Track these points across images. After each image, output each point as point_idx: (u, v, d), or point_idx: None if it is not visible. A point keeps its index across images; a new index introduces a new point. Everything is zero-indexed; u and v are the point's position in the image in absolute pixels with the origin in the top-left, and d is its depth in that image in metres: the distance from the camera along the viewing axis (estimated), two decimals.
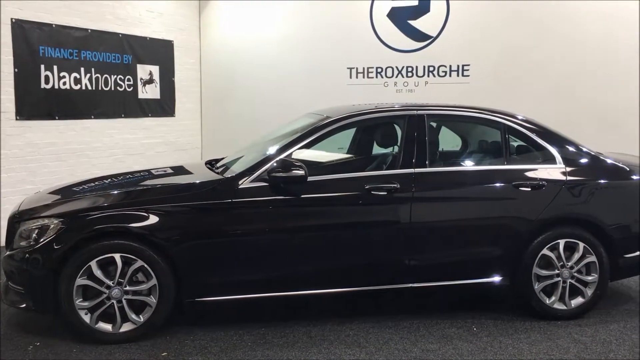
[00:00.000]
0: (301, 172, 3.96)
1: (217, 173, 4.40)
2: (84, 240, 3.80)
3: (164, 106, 8.76)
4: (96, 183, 4.64)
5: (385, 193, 4.14)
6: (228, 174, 4.22)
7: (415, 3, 8.04)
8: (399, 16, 8.17)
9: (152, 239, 3.85)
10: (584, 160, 4.50)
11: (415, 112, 4.42)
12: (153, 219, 3.87)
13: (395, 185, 4.14)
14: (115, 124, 7.89)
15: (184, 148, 9.20)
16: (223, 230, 3.99)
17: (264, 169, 4.07)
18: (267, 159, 4.13)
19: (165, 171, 5.09)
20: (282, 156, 4.12)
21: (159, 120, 8.69)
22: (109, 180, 4.71)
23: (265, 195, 4.04)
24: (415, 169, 4.24)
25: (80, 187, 4.52)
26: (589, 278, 4.37)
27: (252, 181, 4.05)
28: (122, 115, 8.00)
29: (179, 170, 5.07)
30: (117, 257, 3.81)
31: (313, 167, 4.43)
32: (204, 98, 9.57)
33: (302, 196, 4.07)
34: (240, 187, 4.02)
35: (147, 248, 3.84)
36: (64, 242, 3.77)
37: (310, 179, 4.04)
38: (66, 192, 4.42)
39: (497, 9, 7.69)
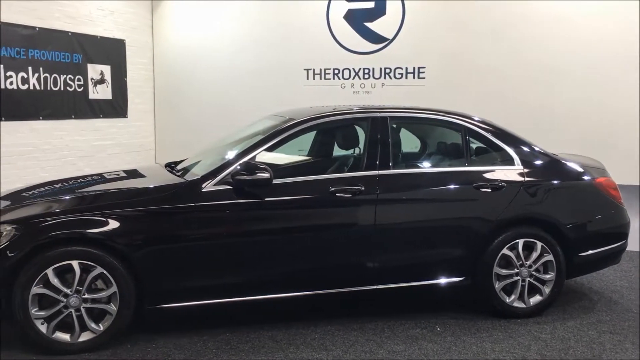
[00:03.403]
0: (266, 175, 3.92)
1: (178, 176, 4.30)
2: (40, 247, 3.64)
3: (116, 107, 8.54)
4: (46, 188, 4.46)
5: (350, 195, 4.14)
6: (190, 177, 4.13)
7: (372, 5, 8.10)
8: (355, 18, 8.21)
9: (112, 245, 3.72)
10: (540, 161, 4.62)
11: (378, 114, 4.43)
12: (112, 224, 3.75)
13: (359, 188, 4.14)
14: (64, 125, 7.64)
15: (136, 150, 8.99)
16: (185, 234, 3.90)
17: (228, 172, 4.00)
18: (231, 162, 4.07)
19: (118, 175, 4.91)
20: (245, 159, 4.07)
21: (110, 122, 8.46)
22: (59, 184, 4.54)
23: (229, 198, 3.97)
24: (379, 171, 4.25)
25: (30, 192, 4.33)
26: (547, 276, 4.48)
27: (216, 184, 3.98)
28: (72, 116, 7.76)
29: (134, 173, 4.92)
30: (75, 264, 3.67)
31: (276, 169, 4.39)
32: (156, 99, 9.38)
33: (267, 199, 4.02)
34: (203, 190, 3.94)
35: (106, 254, 3.72)
36: (18, 249, 3.60)
37: (274, 181, 4.00)
38: (16, 198, 4.23)
39: (452, 12, 7.82)
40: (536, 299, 4.49)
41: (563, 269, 4.50)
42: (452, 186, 4.37)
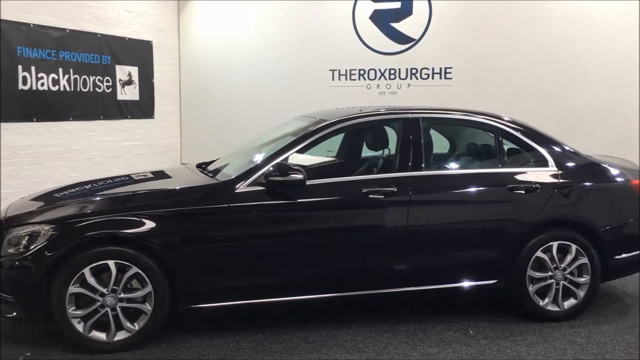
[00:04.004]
0: (300, 176, 3.92)
1: (210, 177, 4.32)
2: (77, 247, 3.68)
3: (143, 108, 8.62)
4: (77, 189, 4.50)
5: (383, 197, 4.12)
6: (223, 178, 4.15)
7: (398, 5, 8.07)
8: (381, 18, 8.19)
9: (147, 245, 3.75)
10: (574, 163, 4.56)
11: (410, 115, 4.41)
12: (148, 225, 3.78)
13: (392, 189, 4.12)
14: (93, 126, 7.74)
15: (162, 150, 9.07)
16: (219, 235, 3.92)
17: (261, 173, 4.01)
18: (264, 163, 4.08)
19: (146, 176, 4.92)
20: (278, 160, 4.07)
21: (138, 122, 8.55)
22: (90, 185, 4.58)
23: (262, 199, 3.98)
24: (412, 172, 4.23)
25: (62, 193, 4.38)
26: (581, 280, 4.42)
27: (249, 185, 3.99)
28: (101, 117, 7.85)
29: (161, 174, 4.92)
30: (111, 264, 3.70)
31: (307, 170, 4.39)
32: (182, 99, 9.45)
33: (299, 200, 4.02)
34: (236, 191, 3.96)
35: (141, 254, 3.75)
36: (56, 249, 3.65)
37: (306, 182, 4.00)
38: (49, 199, 4.28)
39: (479, 12, 7.77)
40: (570, 302, 4.43)
41: (598, 272, 4.44)
42: (485, 188, 4.33)
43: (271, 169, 4.01)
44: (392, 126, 4.55)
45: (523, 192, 4.33)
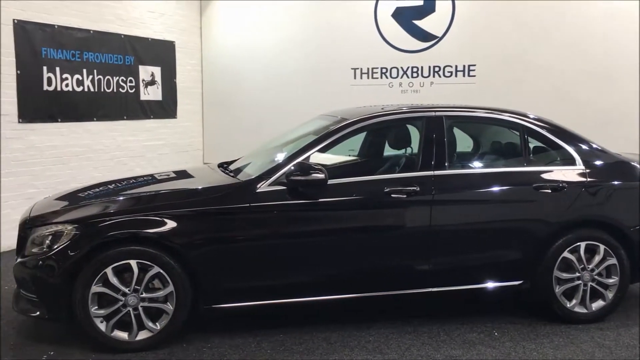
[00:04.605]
0: (321, 176, 3.88)
1: (232, 176, 4.31)
2: (99, 246, 3.70)
3: (166, 108, 8.65)
4: (101, 189, 4.54)
5: (405, 196, 4.07)
6: (244, 177, 4.13)
7: (420, 3, 7.97)
8: (403, 16, 8.10)
9: (168, 245, 3.75)
10: (602, 161, 4.45)
11: (433, 113, 4.35)
12: (169, 224, 3.78)
13: (415, 188, 4.07)
14: (117, 126, 7.77)
15: (185, 150, 9.09)
16: (240, 235, 3.90)
17: (282, 172, 3.98)
18: (285, 162, 4.05)
19: (169, 175, 4.93)
20: (299, 159, 4.04)
21: (160, 122, 8.57)
22: (113, 185, 4.61)
23: (284, 199, 3.95)
24: (435, 171, 4.16)
25: (86, 193, 4.41)
26: (610, 281, 4.32)
27: (270, 185, 3.96)
28: (124, 117, 7.89)
29: (184, 174, 4.94)
30: (133, 263, 3.71)
31: (329, 170, 4.35)
32: (205, 99, 9.46)
33: (321, 200, 3.99)
34: (258, 190, 3.93)
35: (163, 254, 3.75)
36: (78, 248, 3.67)
37: (328, 182, 3.97)
38: (73, 198, 4.31)
39: (503, 9, 7.64)
40: (598, 304, 4.33)
41: (627, 273, 4.33)
42: (510, 187, 4.25)
43: (292, 168, 3.97)
44: (414, 124, 4.48)
45: (549, 191, 4.24)
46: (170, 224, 3.78)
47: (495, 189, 4.23)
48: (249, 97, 9.10)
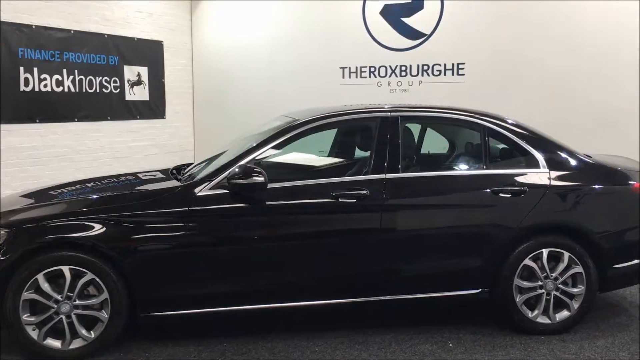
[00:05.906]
0: (261, 179, 3.72)
1: (178, 180, 4.17)
2: (31, 251, 3.59)
3: (154, 108, 8.57)
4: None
5: (355, 200, 3.88)
6: (186, 181, 3.99)
7: (409, 0, 7.76)
8: (392, 14, 7.90)
9: (101, 250, 3.63)
10: (569, 164, 4.21)
11: (388, 113, 4.16)
12: (102, 229, 3.65)
13: (364, 192, 3.88)
14: (101, 127, 7.71)
15: (175, 150, 9.01)
16: (178, 240, 3.76)
17: (224, 176, 3.83)
18: (229, 165, 3.90)
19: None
20: (243, 161, 3.88)
21: (148, 123, 8.49)
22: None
23: (225, 203, 3.80)
24: (387, 175, 3.97)
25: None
26: (575, 290, 4.08)
27: (212, 188, 3.82)
28: (108, 118, 7.82)
29: (135, 177, 4.80)
30: (65, 269, 3.60)
31: (283, 172, 4.21)
32: (196, 99, 9.37)
33: (262, 204, 3.83)
34: (197, 194, 3.79)
35: (97, 260, 3.63)
36: (9, 253, 3.57)
37: (273, 185, 3.81)
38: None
39: (492, 6, 7.38)
40: (563, 314, 4.10)
41: (594, 282, 4.09)
42: (466, 191, 4.04)
43: (236, 170, 3.82)
44: (370, 125, 4.29)
45: (509, 195, 4.02)
46: (103, 229, 3.65)
47: (451, 193, 4.04)
48: (240, 96, 8.98)
